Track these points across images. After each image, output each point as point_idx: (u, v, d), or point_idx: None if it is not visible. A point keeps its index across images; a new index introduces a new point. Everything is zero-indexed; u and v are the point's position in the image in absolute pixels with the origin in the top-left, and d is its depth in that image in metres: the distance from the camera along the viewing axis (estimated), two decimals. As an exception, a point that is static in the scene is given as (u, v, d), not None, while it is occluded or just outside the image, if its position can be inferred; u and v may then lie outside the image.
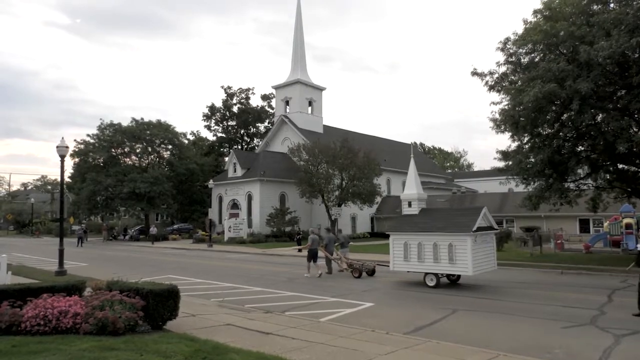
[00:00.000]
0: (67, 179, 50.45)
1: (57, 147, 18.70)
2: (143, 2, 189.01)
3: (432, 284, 14.66)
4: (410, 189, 16.76)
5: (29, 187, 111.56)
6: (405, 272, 15.83)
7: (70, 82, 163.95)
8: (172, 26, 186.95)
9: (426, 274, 14.94)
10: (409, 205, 16.40)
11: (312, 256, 18.05)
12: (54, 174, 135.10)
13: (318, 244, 18.58)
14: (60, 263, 18.32)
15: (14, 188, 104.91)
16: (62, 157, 18.91)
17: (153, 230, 41.77)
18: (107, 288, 8.69)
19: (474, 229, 13.86)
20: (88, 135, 49.54)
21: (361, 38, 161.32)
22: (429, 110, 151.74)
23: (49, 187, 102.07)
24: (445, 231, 14.31)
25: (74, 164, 50.23)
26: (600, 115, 17.95)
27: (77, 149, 47.92)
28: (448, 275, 15.31)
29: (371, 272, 17.60)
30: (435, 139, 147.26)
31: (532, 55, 19.49)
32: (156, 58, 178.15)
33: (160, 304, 8.10)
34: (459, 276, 15.37)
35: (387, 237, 16.78)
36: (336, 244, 19.84)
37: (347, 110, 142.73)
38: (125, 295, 8.07)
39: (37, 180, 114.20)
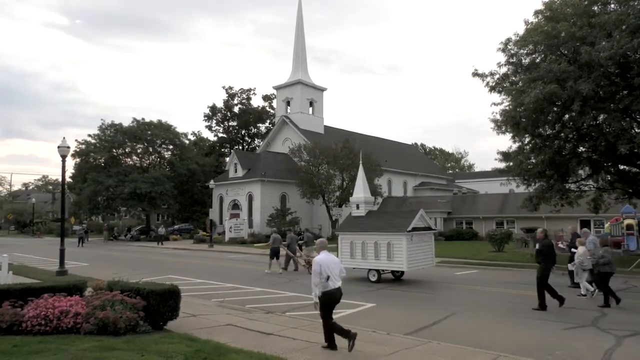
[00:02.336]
0: (68, 179, 50.49)
1: (59, 147, 18.73)
2: (141, 4, 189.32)
3: (373, 279, 15.89)
4: (358, 192, 17.89)
5: (30, 187, 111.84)
6: (351, 268, 16.68)
7: (71, 83, 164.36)
8: (171, 28, 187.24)
9: (369, 270, 16.17)
10: (357, 207, 17.60)
11: (274, 254, 19.28)
12: (55, 174, 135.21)
13: (279, 242, 19.73)
14: (61, 263, 18.33)
15: (15, 188, 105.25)
16: (64, 157, 18.94)
17: (161, 230, 41.56)
18: (108, 288, 8.70)
19: (409, 229, 15.15)
20: (89, 135, 49.59)
21: (360, 41, 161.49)
22: (430, 111, 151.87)
23: (50, 187, 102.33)
24: (385, 231, 15.64)
25: (75, 164, 50.29)
26: (602, 116, 17.94)
27: (78, 149, 47.98)
28: (393, 272, 16.35)
29: None
30: (436, 140, 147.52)
31: (533, 56, 19.49)
32: (156, 59, 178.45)
33: (161, 304, 8.11)
34: (402, 273, 16.41)
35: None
36: (300, 243, 20.76)
37: (347, 111, 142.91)
38: (126, 295, 8.07)
39: (38, 180, 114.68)
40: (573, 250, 13.46)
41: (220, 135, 65.95)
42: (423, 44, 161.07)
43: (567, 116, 18.53)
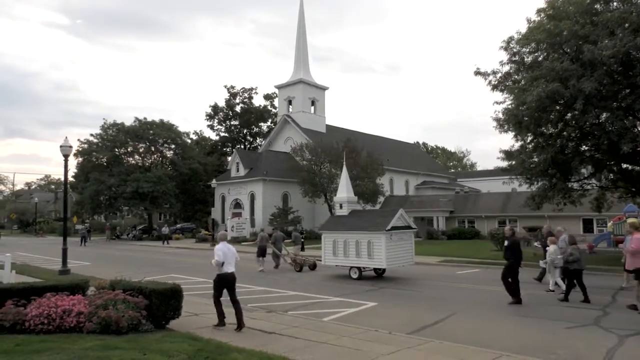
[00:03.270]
0: (70, 179, 50.52)
1: (61, 146, 18.77)
2: (141, 4, 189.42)
3: (355, 276, 16.40)
4: (341, 192, 18.54)
5: (33, 187, 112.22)
6: (334, 265, 17.57)
7: (71, 83, 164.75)
8: (171, 27, 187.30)
9: (350, 267, 16.71)
10: (340, 207, 18.25)
11: (261, 252, 19.68)
12: (57, 174, 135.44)
13: (266, 241, 20.28)
14: (64, 262, 18.38)
15: (17, 187, 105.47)
16: (66, 156, 18.99)
17: (165, 230, 41.41)
18: (110, 287, 8.72)
19: (388, 227, 15.71)
20: (91, 134, 49.82)
21: (360, 40, 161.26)
22: (431, 110, 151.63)
23: (53, 186, 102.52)
24: (366, 230, 16.21)
25: (78, 163, 50.37)
26: (604, 114, 17.86)
27: (80, 149, 48.06)
28: (375, 270, 16.75)
29: (313, 267, 19.17)
30: (436, 138, 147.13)
31: (536, 54, 19.42)
32: (156, 59, 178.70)
33: (163, 303, 8.13)
34: (384, 270, 16.81)
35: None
36: (287, 241, 21.85)
37: (348, 110, 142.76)
38: (128, 294, 8.10)
39: (41, 179, 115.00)
40: (548, 248, 13.79)
41: (222, 134, 65.97)
42: (423, 43, 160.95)
43: (569, 115, 18.46)
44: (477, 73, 20.54)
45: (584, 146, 19.90)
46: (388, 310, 11.06)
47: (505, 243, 12.25)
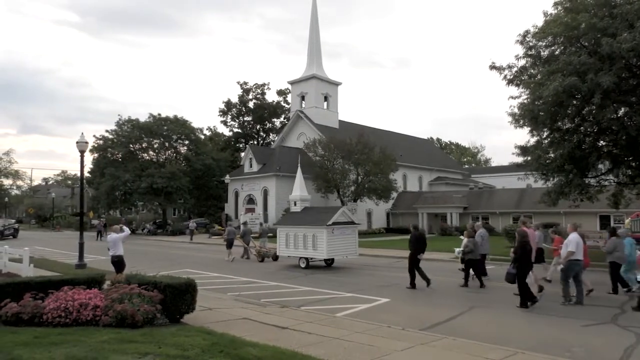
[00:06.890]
0: (86, 174, 51.16)
1: (77, 142, 19.04)
2: (150, 0, 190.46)
3: (303, 265, 18.47)
4: (295, 191, 21.55)
5: (50, 182, 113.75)
6: (287, 256, 19.55)
7: (83, 80, 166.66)
8: (180, 24, 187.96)
9: (300, 257, 18.67)
10: (295, 204, 21.22)
11: (230, 244, 22.22)
12: (74, 169, 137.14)
13: (234, 234, 22.73)
14: (81, 256, 18.67)
15: (35, 183, 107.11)
16: (82, 152, 19.26)
17: (192, 225, 41.10)
18: (125, 281, 8.81)
19: (330, 223, 17.79)
20: (107, 131, 50.19)
21: (369, 34, 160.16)
22: (443, 105, 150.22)
23: (69, 182, 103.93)
24: (311, 225, 18.33)
25: (94, 159, 51.01)
26: (623, 109, 17.51)
27: (96, 145, 48.65)
28: (325, 261, 18.66)
29: (275, 258, 20.79)
30: (450, 134, 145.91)
31: (552, 48, 19.08)
32: (167, 55, 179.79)
33: (177, 297, 8.19)
34: (332, 260, 18.96)
35: (402, 232, 18.23)
36: (254, 235, 24.17)
37: (360, 106, 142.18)
38: (143, 288, 8.18)
39: (58, 175, 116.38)
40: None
41: (236, 130, 66.26)
42: (432, 37, 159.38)
43: (586, 109, 18.14)
44: (492, 67, 20.27)
45: (601, 141, 19.54)
46: (401, 306, 11.03)
47: (409, 236, 14.40)
